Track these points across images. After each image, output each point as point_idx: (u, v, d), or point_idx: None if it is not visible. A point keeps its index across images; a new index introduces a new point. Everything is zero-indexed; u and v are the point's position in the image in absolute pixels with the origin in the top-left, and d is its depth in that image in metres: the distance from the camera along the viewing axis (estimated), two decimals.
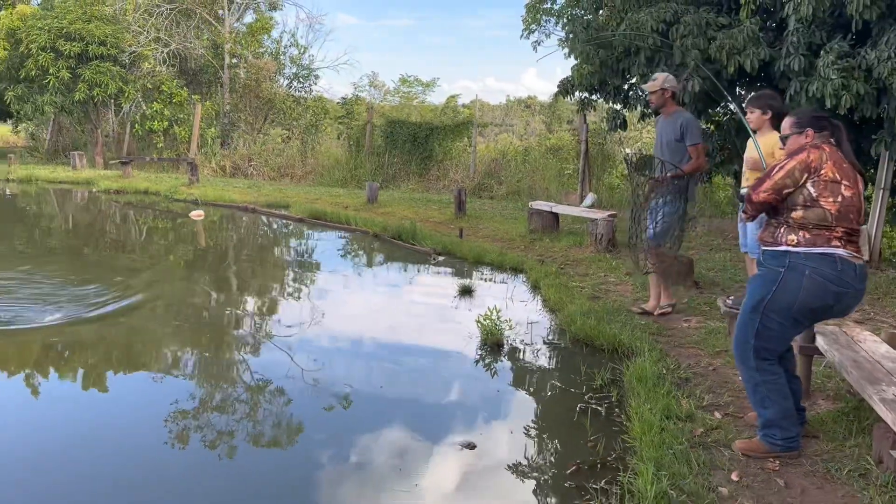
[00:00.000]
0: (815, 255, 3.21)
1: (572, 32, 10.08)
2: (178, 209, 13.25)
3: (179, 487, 3.29)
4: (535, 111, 36.90)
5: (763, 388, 3.37)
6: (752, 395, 3.46)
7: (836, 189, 3.20)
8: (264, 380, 4.65)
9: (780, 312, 3.28)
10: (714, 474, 3.27)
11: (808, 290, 3.21)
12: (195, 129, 18.19)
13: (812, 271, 3.20)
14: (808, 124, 3.41)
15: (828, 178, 3.20)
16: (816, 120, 3.42)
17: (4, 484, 3.26)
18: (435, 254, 8.72)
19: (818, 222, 3.21)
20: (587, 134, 13.12)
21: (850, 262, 3.22)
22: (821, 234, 3.22)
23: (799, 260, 3.22)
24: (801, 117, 3.47)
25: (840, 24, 7.25)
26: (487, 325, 5.43)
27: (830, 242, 3.21)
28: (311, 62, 23.37)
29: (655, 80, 5.68)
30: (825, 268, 3.19)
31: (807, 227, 3.24)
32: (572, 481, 3.36)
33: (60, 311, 5.95)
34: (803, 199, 3.24)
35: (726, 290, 6.66)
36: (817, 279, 3.19)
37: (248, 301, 6.89)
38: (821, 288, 3.20)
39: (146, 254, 9.16)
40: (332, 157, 18.72)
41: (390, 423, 4.04)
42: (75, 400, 4.36)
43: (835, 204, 3.20)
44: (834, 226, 3.21)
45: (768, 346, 3.35)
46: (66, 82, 19.03)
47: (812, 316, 3.37)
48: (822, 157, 3.23)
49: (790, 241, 3.26)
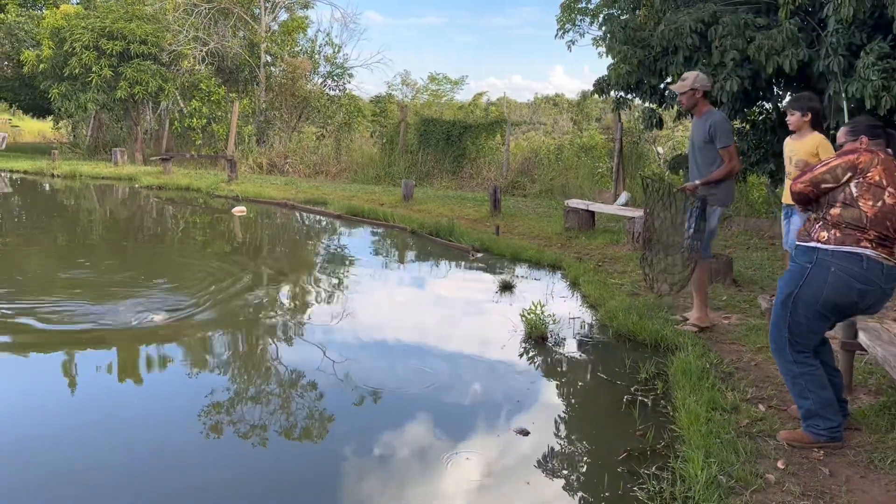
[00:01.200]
0: (841, 253, 3.30)
1: (610, 32, 10.20)
2: (219, 205, 13.60)
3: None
4: (563, 109, 36.85)
5: (801, 380, 3.49)
6: (791, 387, 3.59)
7: (878, 194, 3.28)
8: (340, 368, 4.88)
9: (807, 307, 3.39)
10: (760, 462, 3.42)
11: (832, 285, 3.30)
12: (233, 126, 18.55)
13: (837, 268, 3.29)
14: (863, 132, 3.49)
15: (873, 182, 3.28)
16: (871, 128, 3.51)
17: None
18: (474, 250, 8.91)
19: (853, 222, 3.30)
20: (622, 133, 13.21)
21: (877, 262, 3.29)
22: (851, 235, 3.30)
23: (826, 257, 3.32)
24: (857, 126, 3.56)
25: (880, 24, 7.30)
26: (532, 320, 5.61)
27: (860, 243, 3.29)
28: (345, 61, 23.68)
29: (685, 81, 5.45)
30: (851, 265, 3.28)
31: (840, 225, 3.32)
32: (624, 466, 3.54)
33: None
34: (844, 196, 3.33)
35: (765, 288, 6.76)
36: (842, 276, 3.28)
37: (316, 294, 7.14)
38: (845, 284, 3.29)
39: (208, 250, 9.47)
40: (366, 155, 19.00)
41: (446, 411, 4.26)
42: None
43: (873, 208, 3.27)
44: (867, 228, 3.29)
45: (801, 339, 3.47)
46: (108, 80, 19.51)
47: (837, 312, 3.45)
48: (873, 161, 3.31)
49: (821, 238, 3.36)
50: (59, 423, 4.01)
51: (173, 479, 3.40)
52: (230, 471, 3.51)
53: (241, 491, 3.31)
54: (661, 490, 3.24)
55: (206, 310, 6.17)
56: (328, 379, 4.69)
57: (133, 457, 3.59)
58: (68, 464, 3.51)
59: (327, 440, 3.88)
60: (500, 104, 30.70)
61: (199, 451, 3.71)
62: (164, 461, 3.56)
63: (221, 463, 3.60)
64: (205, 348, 5.32)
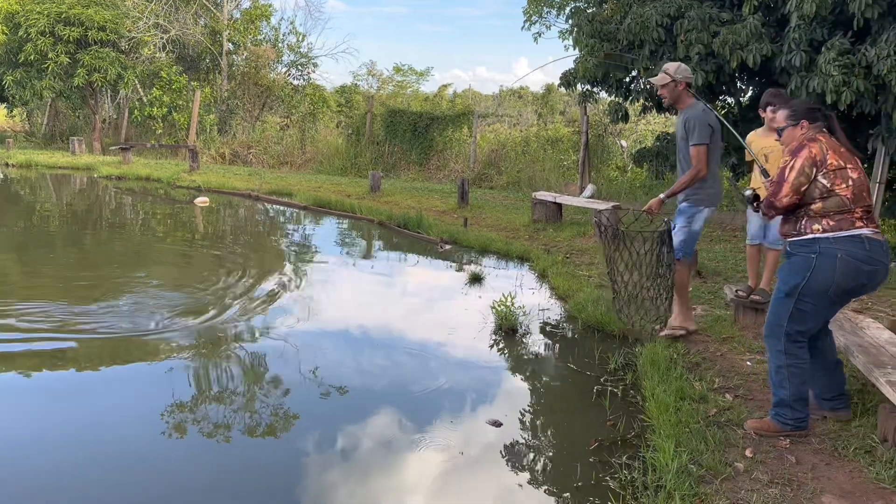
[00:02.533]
0: (843, 238, 3.34)
1: (576, 25, 10.24)
2: (180, 196, 13.36)
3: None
4: (528, 101, 36.94)
5: (785, 371, 3.52)
6: (773, 375, 3.61)
7: (844, 175, 3.35)
8: (308, 362, 4.82)
9: (816, 296, 3.41)
10: (729, 451, 3.48)
11: (842, 272, 3.33)
12: (194, 115, 18.24)
13: (844, 253, 3.32)
14: (803, 116, 3.53)
15: (834, 167, 3.35)
16: (810, 111, 3.54)
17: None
18: (442, 242, 8.90)
19: (838, 209, 3.35)
20: (588, 126, 13.29)
21: (876, 241, 3.37)
22: (844, 219, 3.36)
23: (829, 244, 3.35)
24: (796, 109, 3.58)
25: (841, 21, 7.44)
26: (502, 311, 5.62)
27: (855, 224, 3.35)
28: (309, 50, 23.43)
29: (666, 73, 4.90)
30: (855, 249, 3.32)
31: (828, 214, 3.37)
32: (595, 456, 3.57)
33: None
34: (819, 191, 3.37)
35: (728, 279, 6.88)
36: (850, 261, 3.32)
37: (282, 287, 7.05)
38: (854, 269, 3.33)
39: (168, 241, 9.29)
40: (332, 146, 18.84)
41: (417, 404, 4.24)
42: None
43: (848, 188, 3.34)
44: (853, 208, 3.36)
45: (801, 328, 3.49)
46: (64, 67, 19.00)
47: (847, 296, 3.51)
48: (823, 148, 3.38)
49: (816, 230, 3.39)
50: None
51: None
52: (196, 465, 3.46)
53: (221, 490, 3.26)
54: (632, 479, 3.28)
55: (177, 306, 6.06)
56: (295, 374, 4.63)
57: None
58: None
59: (295, 435, 3.82)
60: (465, 96, 30.66)
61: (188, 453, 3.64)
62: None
63: (191, 460, 3.54)
64: (159, 347, 5.22)
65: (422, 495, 3.24)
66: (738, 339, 5.16)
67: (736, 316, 5.50)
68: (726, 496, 3.05)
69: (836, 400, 3.77)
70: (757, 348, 4.97)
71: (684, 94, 4.92)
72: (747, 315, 5.40)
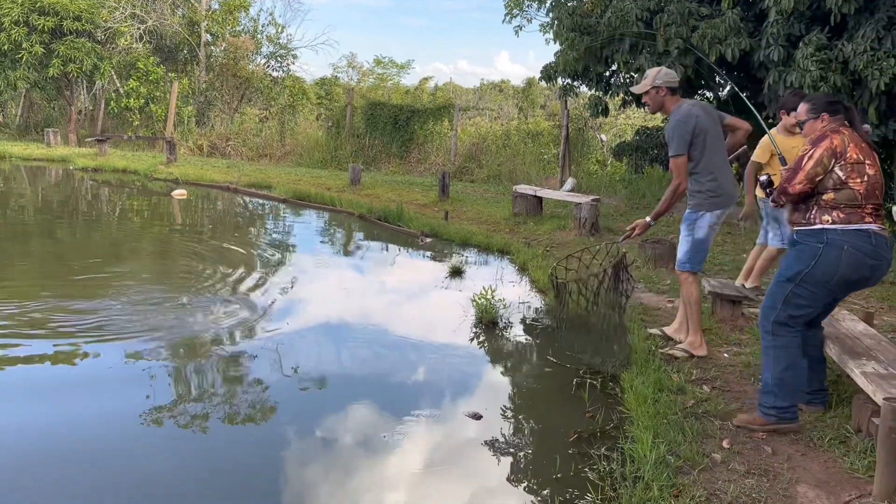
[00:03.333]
0: (851, 231, 3.36)
1: (557, 18, 10.26)
2: (158, 188, 13.21)
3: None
4: (509, 95, 37.00)
5: (772, 352, 3.53)
6: (763, 358, 3.63)
7: (861, 169, 3.36)
8: (288, 355, 4.79)
9: (817, 284, 3.43)
10: (706, 442, 3.51)
11: (847, 263, 3.36)
12: (171, 107, 18.02)
13: (850, 246, 3.34)
14: (823, 109, 3.52)
15: (853, 160, 3.36)
16: (830, 104, 3.54)
17: None
18: (423, 235, 8.88)
19: (849, 202, 3.37)
20: (568, 120, 13.33)
21: (882, 236, 3.39)
22: (854, 212, 3.37)
23: (836, 236, 3.36)
24: (816, 102, 3.58)
25: (818, 16, 7.52)
26: (482, 304, 5.62)
27: (864, 219, 3.37)
28: (289, 41, 23.25)
29: (645, 79, 4.63)
30: (862, 242, 3.35)
31: (839, 206, 3.38)
32: (575, 448, 3.58)
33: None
34: (833, 182, 3.38)
35: (706, 271, 6.92)
36: (855, 253, 3.35)
37: (262, 280, 7.00)
38: (859, 261, 3.36)
39: (147, 234, 9.18)
40: (312, 139, 18.71)
41: (398, 397, 4.24)
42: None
43: (862, 184, 3.35)
44: (864, 204, 3.37)
45: (794, 313, 3.49)
46: (39, 57, 18.67)
47: (847, 288, 3.54)
48: (844, 141, 3.37)
49: (825, 221, 3.40)
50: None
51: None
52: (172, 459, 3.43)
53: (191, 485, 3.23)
54: (611, 470, 3.29)
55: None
56: (273, 368, 4.59)
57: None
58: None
59: (270, 429, 3.80)
60: (446, 89, 30.62)
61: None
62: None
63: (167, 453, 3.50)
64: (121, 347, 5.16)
65: (402, 488, 3.24)
66: (715, 331, 5.20)
67: (713, 308, 5.54)
68: (703, 486, 3.08)
69: (814, 394, 3.80)
70: (734, 340, 5.03)
71: (668, 100, 4.59)
72: (724, 307, 5.45)
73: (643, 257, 7.26)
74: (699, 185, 4.53)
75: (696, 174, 4.53)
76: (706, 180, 4.51)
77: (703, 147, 4.48)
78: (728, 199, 4.56)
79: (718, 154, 4.55)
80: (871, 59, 6.74)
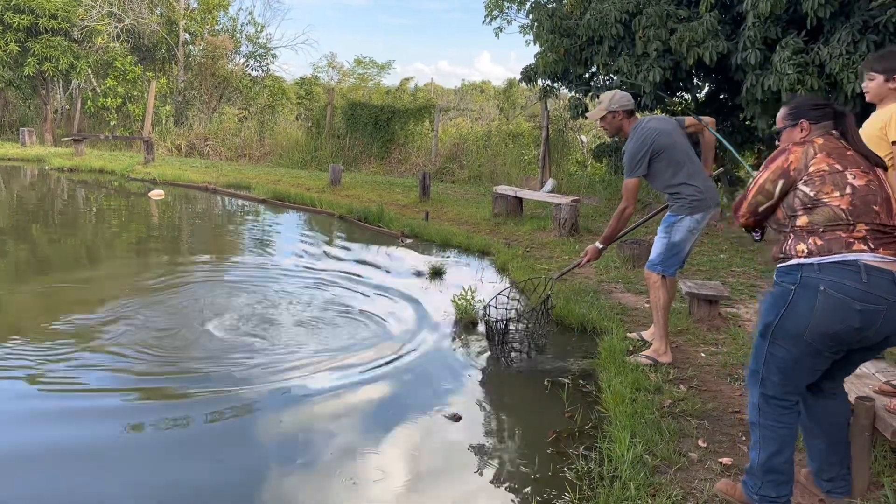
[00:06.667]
0: (830, 264, 2.51)
1: (537, 20, 10.30)
2: (135, 189, 13.07)
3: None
4: (490, 96, 37.07)
5: (758, 431, 2.75)
6: (751, 432, 2.85)
7: (839, 180, 2.55)
8: (261, 356, 4.76)
9: (790, 340, 2.59)
10: (683, 441, 3.53)
11: (822, 310, 2.49)
12: (149, 106, 17.85)
13: (828, 286, 2.49)
14: (803, 115, 2.76)
15: (823, 171, 2.57)
16: (814, 109, 2.76)
17: None
18: (403, 236, 8.87)
19: (829, 223, 2.55)
20: (548, 121, 13.39)
21: (882, 270, 2.47)
22: (837, 238, 2.53)
23: (811, 273, 2.52)
24: (797, 107, 2.80)
25: (794, 20, 7.61)
26: (462, 305, 5.62)
27: (851, 247, 2.51)
28: (268, 41, 23.12)
29: (600, 105, 4.59)
30: (845, 280, 2.47)
31: (817, 231, 2.56)
32: (553, 448, 3.59)
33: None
34: (800, 202, 2.60)
35: (683, 272, 6.97)
36: (834, 295, 2.48)
37: (241, 280, 6.95)
38: (839, 307, 2.47)
39: (123, 236, 9.07)
40: (291, 139, 18.64)
41: (375, 398, 4.22)
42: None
43: (843, 197, 2.53)
44: (852, 223, 2.52)
45: (776, 379, 2.67)
46: (14, 56, 18.44)
47: (834, 343, 2.55)
48: (809, 153, 2.62)
49: (800, 252, 2.58)
50: None
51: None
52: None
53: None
54: (589, 470, 3.30)
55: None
56: (246, 367, 4.56)
57: None
58: None
59: (243, 433, 3.77)
60: (427, 90, 30.63)
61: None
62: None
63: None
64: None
65: (380, 491, 3.22)
66: (692, 331, 5.25)
67: (690, 308, 5.59)
68: (680, 486, 3.10)
69: (835, 482, 2.88)
70: (711, 340, 5.07)
71: (625, 123, 4.55)
72: (702, 307, 5.49)
73: (621, 258, 7.31)
74: (679, 194, 4.48)
75: (671, 186, 4.49)
76: (685, 191, 4.46)
77: (670, 161, 4.45)
78: (709, 203, 4.50)
79: (689, 163, 4.50)
80: (847, 62, 6.83)
